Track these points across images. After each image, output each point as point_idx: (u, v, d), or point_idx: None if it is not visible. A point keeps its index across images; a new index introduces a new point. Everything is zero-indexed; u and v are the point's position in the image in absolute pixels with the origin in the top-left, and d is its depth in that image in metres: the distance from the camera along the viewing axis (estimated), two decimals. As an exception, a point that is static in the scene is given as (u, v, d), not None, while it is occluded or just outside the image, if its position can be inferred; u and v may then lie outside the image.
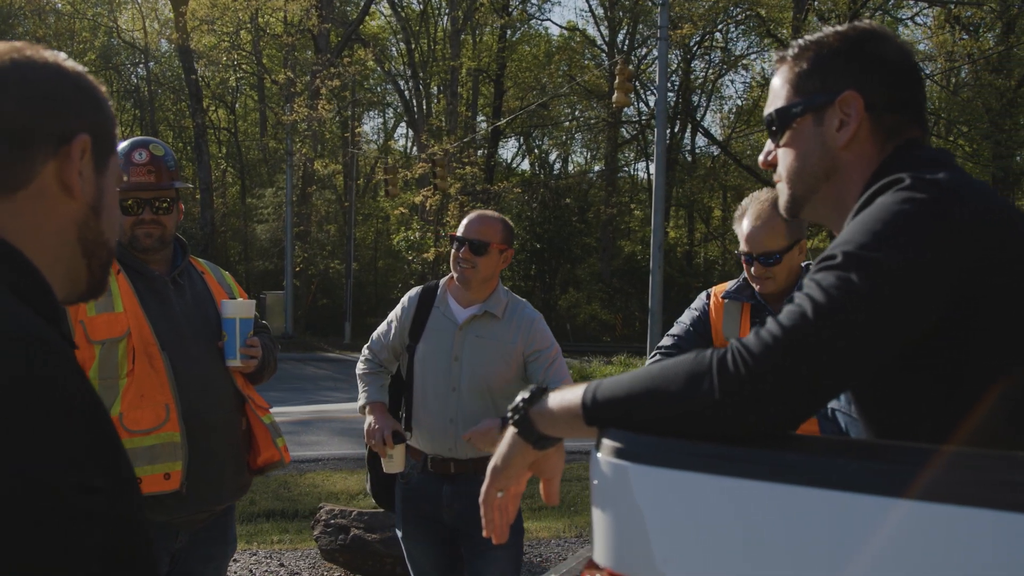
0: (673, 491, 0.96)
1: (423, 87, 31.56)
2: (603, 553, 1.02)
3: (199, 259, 2.66)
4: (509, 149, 44.88)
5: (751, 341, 1.00)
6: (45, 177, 0.97)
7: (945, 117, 25.51)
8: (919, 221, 1.06)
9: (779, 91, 1.32)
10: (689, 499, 0.95)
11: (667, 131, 21.75)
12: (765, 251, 2.48)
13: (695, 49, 31.11)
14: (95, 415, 0.88)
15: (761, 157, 1.39)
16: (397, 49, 34.47)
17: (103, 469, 0.85)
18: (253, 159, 35.51)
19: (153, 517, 2.25)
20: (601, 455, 1.02)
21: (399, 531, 3.03)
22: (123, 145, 2.39)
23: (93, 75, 1.06)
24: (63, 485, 0.80)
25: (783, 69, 1.32)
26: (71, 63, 1.03)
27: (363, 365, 3.08)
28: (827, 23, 23.13)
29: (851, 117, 1.24)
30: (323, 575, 4.78)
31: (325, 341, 26.42)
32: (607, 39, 32.70)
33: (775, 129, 1.32)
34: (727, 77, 34.44)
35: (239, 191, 35.43)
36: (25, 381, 0.80)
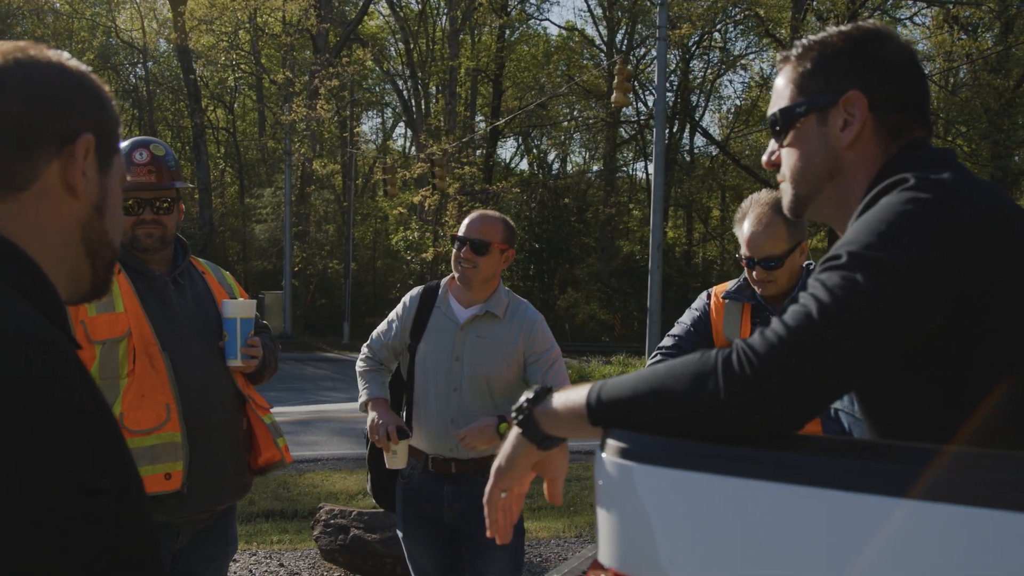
0: (678, 491, 0.96)
1: (422, 87, 31.54)
2: (608, 553, 1.01)
3: (200, 259, 2.66)
4: (508, 149, 44.98)
5: (756, 341, 0.99)
6: (49, 177, 0.97)
7: (943, 117, 25.52)
8: (923, 221, 1.06)
9: (783, 91, 1.31)
10: (694, 499, 0.95)
11: (666, 131, 21.76)
12: (766, 255, 2.47)
13: (694, 49, 31.14)
14: (97, 416, 0.87)
15: (765, 157, 1.38)
16: (396, 49, 34.48)
17: (105, 470, 0.85)
18: (252, 159, 35.48)
19: (154, 517, 2.25)
20: (606, 455, 1.01)
21: (400, 531, 3.03)
22: (124, 145, 2.39)
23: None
24: (62, 486, 0.79)
25: (787, 69, 1.31)
26: (74, 62, 1.02)
27: (363, 363, 3.07)
28: (826, 23, 23.17)
29: (855, 117, 1.24)
30: (323, 575, 4.78)
31: (324, 341, 26.42)
32: (606, 39, 32.74)
33: (779, 129, 1.32)
34: (726, 77, 34.51)
35: (237, 191, 35.40)
36: (24, 381, 0.80)
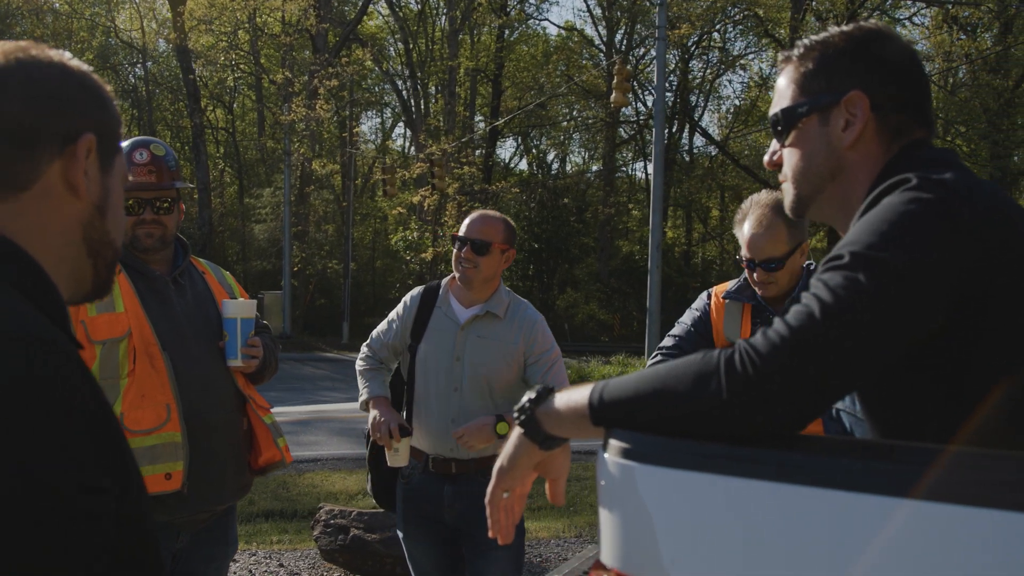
0: (680, 492, 0.96)
1: (421, 87, 31.55)
2: (610, 553, 1.01)
3: (200, 259, 2.66)
4: (507, 149, 44.99)
5: (759, 341, 0.99)
6: (50, 177, 0.96)
7: (943, 117, 25.51)
8: (925, 221, 1.06)
9: (784, 91, 1.31)
10: (696, 500, 0.95)
11: (665, 131, 21.75)
12: (767, 257, 2.46)
13: (693, 49, 31.14)
14: (99, 415, 0.87)
15: (767, 157, 1.38)
16: (395, 49, 34.49)
17: (106, 469, 0.85)
18: (251, 159, 35.48)
19: (154, 517, 2.25)
20: (608, 455, 1.01)
21: (400, 531, 3.03)
22: (124, 145, 2.39)
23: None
24: (63, 485, 0.79)
25: (788, 69, 1.31)
26: (76, 62, 1.02)
27: (363, 362, 3.06)
28: (825, 23, 23.17)
29: (857, 117, 1.24)
30: (323, 575, 4.78)
31: (323, 341, 26.42)
32: (605, 39, 32.75)
33: (780, 129, 1.32)
34: (725, 77, 34.55)
35: (237, 191, 35.41)
36: (25, 381, 0.80)
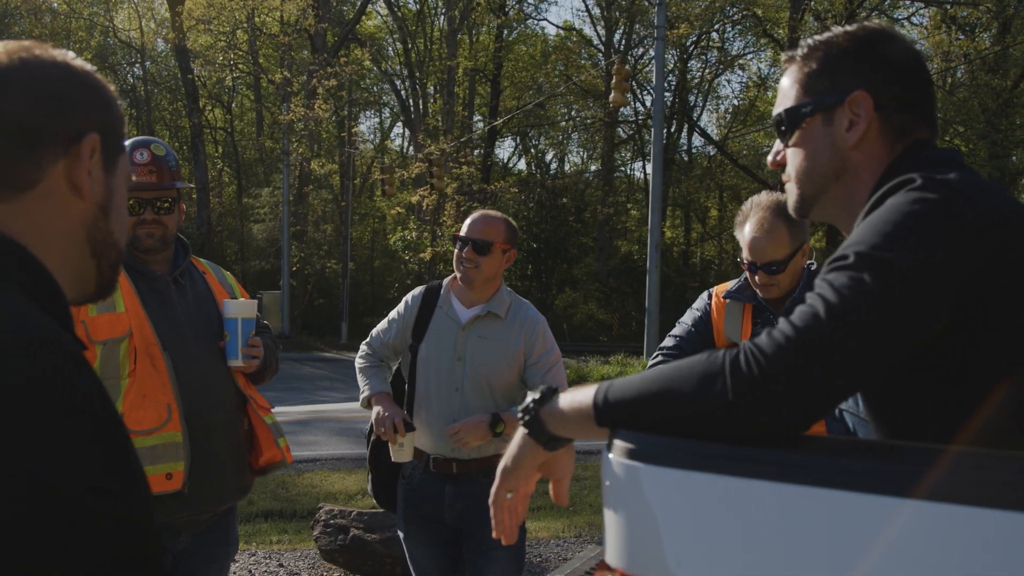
0: (685, 492, 0.96)
1: (419, 87, 31.53)
2: (615, 554, 1.01)
3: (200, 259, 2.66)
4: (506, 149, 45.05)
5: (763, 342, 0.99)
6: (54, 177, 0.96)
7: (941, 117, 25.28)
8: (930, 221, 1.06)
9: (788, 91, 1.31)
10: (701, 500, 0.95)
11: (664, 131, 21.75)
12: (769, 260, 2.45)
13: (692, 49, 31.14)
14: (104, 416, 0.87)
15: (770, 157, 1.38)
16: (393, 49, 34.47)
17: (110, 470, 0.85)
18: (249, 159, 35.47)
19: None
20: (613, 456, 1.01)
21: (400, 531, 3.02)
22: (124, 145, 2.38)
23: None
24: (68, 486, 0.79)
25: (792, 69, 1.31)
26: (79, 62, 1.02)
27: (363, 360, 3.05)
28: (823, 23, 23.19)
29: (861, 117, 1.24)
30: (323, 575, 4.78)
31: (322, 341, 26.41)
32: (603, 39, 32.75)
33: (784, 129, 1.32)
34: (723, 77, 34.61)
35: (235, 191, 35.37)
36: (29, 383, 0.80)
